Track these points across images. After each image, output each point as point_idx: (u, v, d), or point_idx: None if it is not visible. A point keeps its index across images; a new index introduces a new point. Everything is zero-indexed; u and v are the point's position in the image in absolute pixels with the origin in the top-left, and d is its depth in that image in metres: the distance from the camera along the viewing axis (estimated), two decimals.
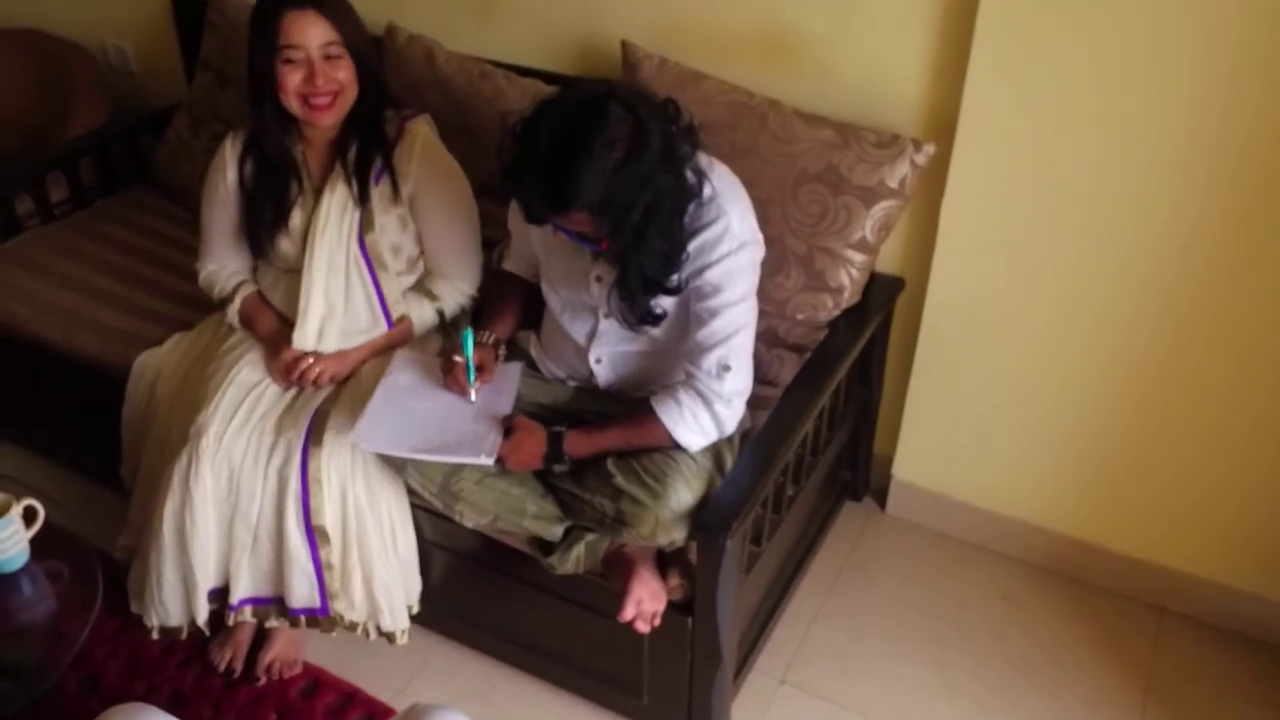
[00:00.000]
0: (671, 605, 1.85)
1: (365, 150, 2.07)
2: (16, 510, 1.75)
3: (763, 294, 2.11)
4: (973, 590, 2.36)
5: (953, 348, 2.29)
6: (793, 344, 2.17)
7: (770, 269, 2.12)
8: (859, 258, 2.12)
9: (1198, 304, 2.02)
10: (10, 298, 2.45)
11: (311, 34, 1.93)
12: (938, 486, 2.46)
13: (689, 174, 1.71)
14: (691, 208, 1.75)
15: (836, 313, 2.16)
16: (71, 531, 1.89)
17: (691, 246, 1.75)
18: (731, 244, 1.75)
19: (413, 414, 1.92)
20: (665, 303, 1.81)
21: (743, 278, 1.78)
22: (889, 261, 2.30)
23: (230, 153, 2.12)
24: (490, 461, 1.83)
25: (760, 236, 1.84)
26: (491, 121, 2.38)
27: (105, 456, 2.34)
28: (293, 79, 1.95)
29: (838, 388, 2.17)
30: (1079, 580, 2.37)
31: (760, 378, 2.15)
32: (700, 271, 1.76)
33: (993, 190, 2.09)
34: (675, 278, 1.76)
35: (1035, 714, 2.10)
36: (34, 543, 1.81)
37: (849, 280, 2.13)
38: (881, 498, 2.56)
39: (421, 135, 2.09)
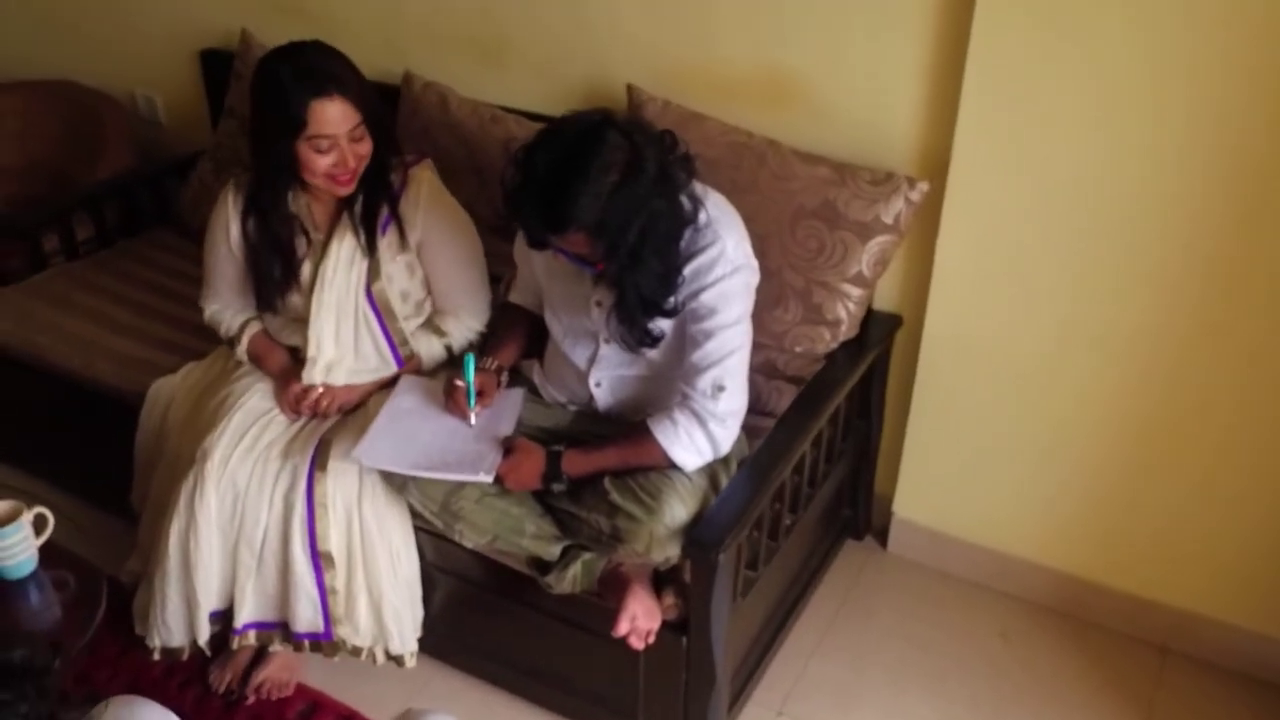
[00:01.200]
0: (666, 625, 1.87)
1: (371, 201, 2.08)
2: (27, 517, 1.79)
3: (761, 327, 2.17)
4: (973, 627, 2.36)
5: (950, 384, 2.32)
6: (791, 376, 2.20)
7: (769, 302, 2.18)
8: (856, 292, 2.17)
9: (1193, 340, 2.04)
10: (32, 328, 2.53)
11: (340, 122, 1.93)
12: (938, 524, 2.47)
13: (684, 200, 1.77)
14: (688, 233, 1.80)
15: (834, 345, 2.20)
16: (76, 553, 1.93)
17: (687, 270, 1.81)
18: (726, 268, 1.81)
19: (415, 434, 1.97)
20: (663, 325, 1.86)
21: (737, 301, 1.83)
22: (886, 299, 2.35)
23: (233, 206, 2.12)
24: (489, 479, 1.86)
25: (755, 263, 1.89)
26: (501, 163, 2.45)
27: (117, 485, 2.38)
28: (322, 163, 1.95)
29: (836, 419, 2.21)
30: (1080, 619, 2.37)
31: (759, 409, 2.19)
32: (696, 294, 1.81)
33: (986, 226, 2.14)
34: (672, 300, 1.81)
35: None
36: (42, 558, 1.85)
37: (846, 314, 2.18)
38: (883, 537, 2.57)
39: (426, 181, 2.13)
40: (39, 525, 1.83)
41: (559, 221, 1.65)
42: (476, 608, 2.14)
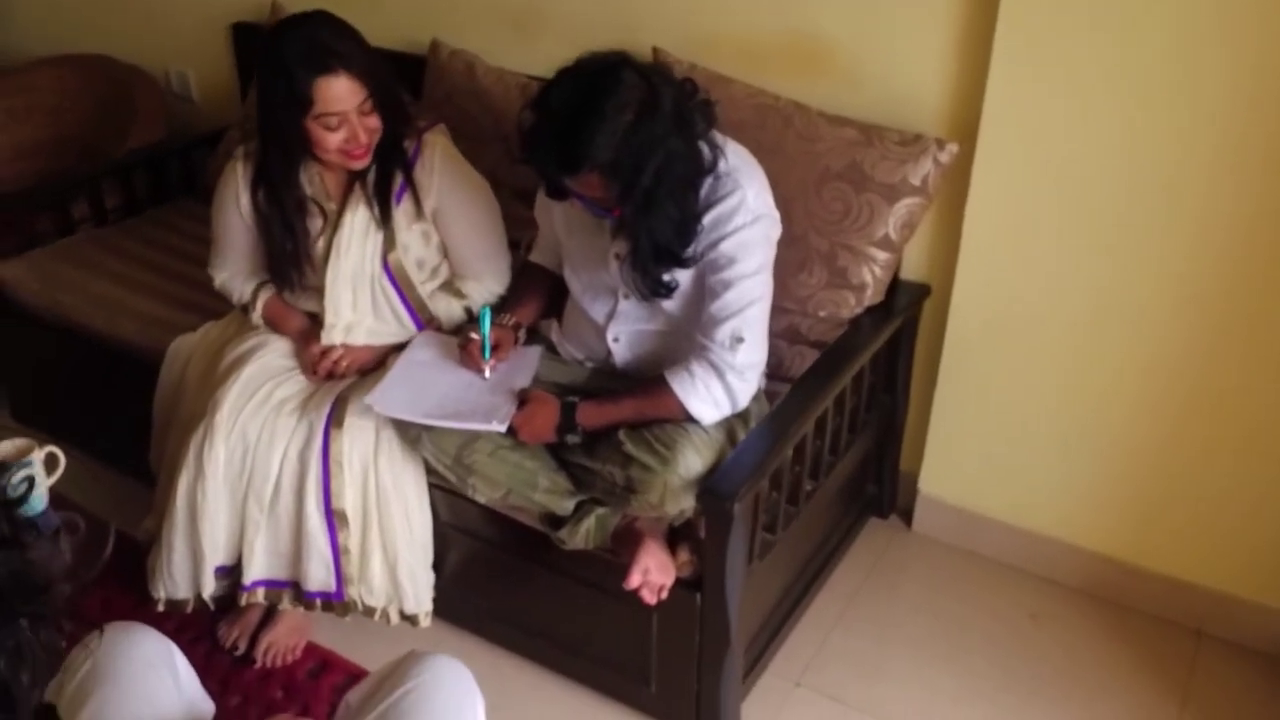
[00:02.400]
0: (680, 583, 1.83)
1: (385, 171, 2.05)
2: (38, 455, 1.78)
3: (785, 291, 2.13)
4: (1002, 607, 2.29)
5: (979, 357, 2.27)
6: (814, 341, 2.16)
7: (792, 267, 2.14)
8: (882, 255, 2.12)
9: (1233, 314, 1.98)
10: (58, 288, 2.54)
11: (348, 98, 1.90)
12: (965, 502, 2.41)
13: (703, 147, 1.74)
14: (707, 182, 1.78)
15: (859, 310, 2.15)
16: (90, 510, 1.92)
17: (706, 219, 1.78)
18: (746, 216, 1.77)
19: (430, 384, 1.95)
20: (680, 276, 1.82)
21: (757, 250, 1.79)
22: (914, 269, 2.30)
23: (242, 177, 2.09)
24: (502, 429, 1.84)
25: (776, 214, 1.86)
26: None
27: (138, 448, 2.38)
28: (333, 140, 1.93)
29: (860, 386, 2.16)
30: (1113, 601, 2.29)
31: (780, 374, 2.15)
32: (715, 244, 1.78)
33: (1017, 191, 2.09)
34: (690, 250, 1.78)
35: None
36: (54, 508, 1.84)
37: (871, 278, 2.13)
38: (908, 516, 2.51)
39: (440, 146, 2.10)
40: (50, 465, 1.82)
41: (573, 161, 1.62)
42: (489, 567, 2.11)
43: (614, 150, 1.60)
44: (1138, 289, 2.05)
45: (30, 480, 1.72)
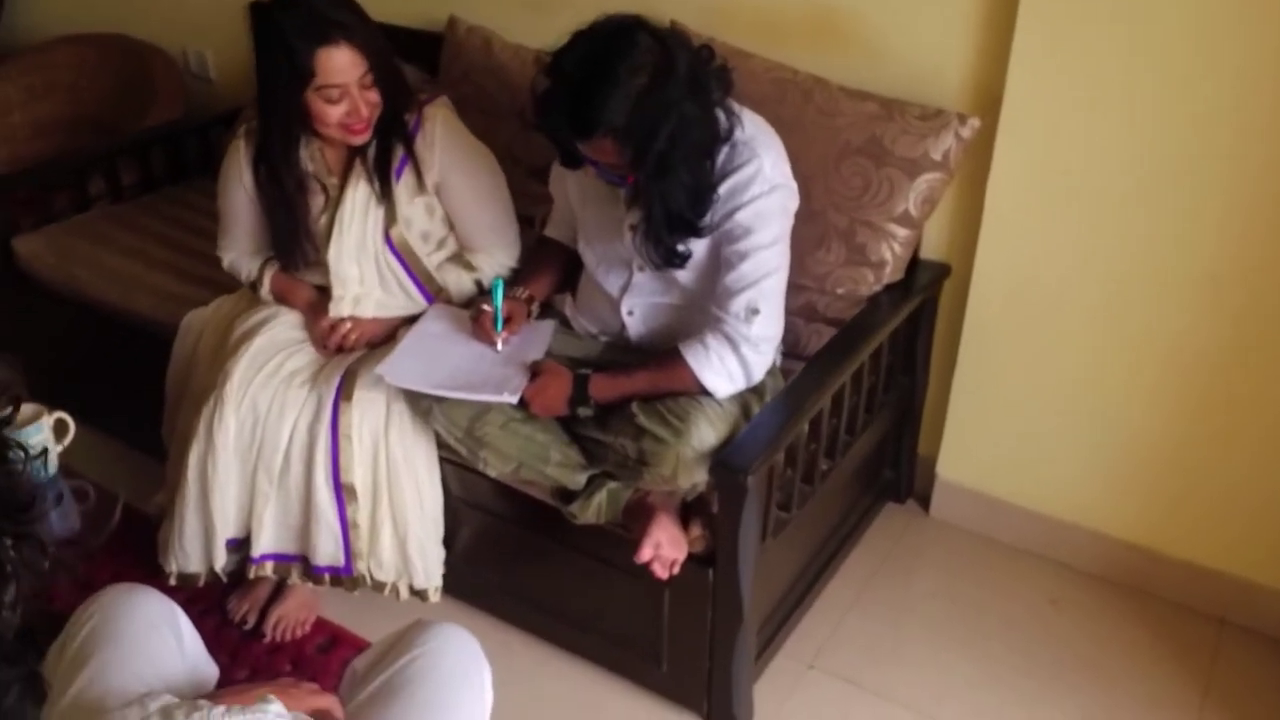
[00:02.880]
0: (693, 558, 1.80)
1: (385, 146, 2.02)
2: (47, 420, 1.77)
3: (802, 268, 2.10)
4: (1021, 592, 2.25)
5: (999, 337, 2.23)
6: (831, 318, 2.13)
7: (810, 244, 2.11)
8: (902, 232, 2.09)
9: (1257, 296, 1.94)
10: (74, 262, 2.54)
11: (349, 70, 1.87)
12: (984, 487, 2.37)
13: (719, 114, 1.72)
14: (723, 151, 1.75)
15: (878, 288, 2.12)
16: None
17: (722, 189, 1.75)
18: (763, 186, 1.75)
19: (441, 356, 1.93)
20: (695, 247, 1.80)
21: (774, 221, 1.77)
22: (935, 248, 2.26)
23: (244, 156, 2.07)
24: (514, 400, 1.81)
25: (794, 185, 1.83)
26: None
27: (151, 424, 2.37)
28: (334, 113, 1.90)
29: (878, 365, 2.13)
30: (1134, 588, 2.25)
31: (797, 352, 2.12)
32: (731, 213, 1.75)
33: (1039, 168, 2.05)
34: (706, 219, 1.75)
35: (1084, 710, 1.98)
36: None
37: (891, 255, 2.10)
38: (926, 502, 2.47)
39: (440, 119, 2.06)
40: (60, 431, 1.81)
41: (586, 125, 1.60)
42: (500, 543, 2.09)
43: (627, 114, 1.58)
44: (1160, 270, 2.01)
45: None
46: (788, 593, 2.10)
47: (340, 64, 1.87)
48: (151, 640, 1.33)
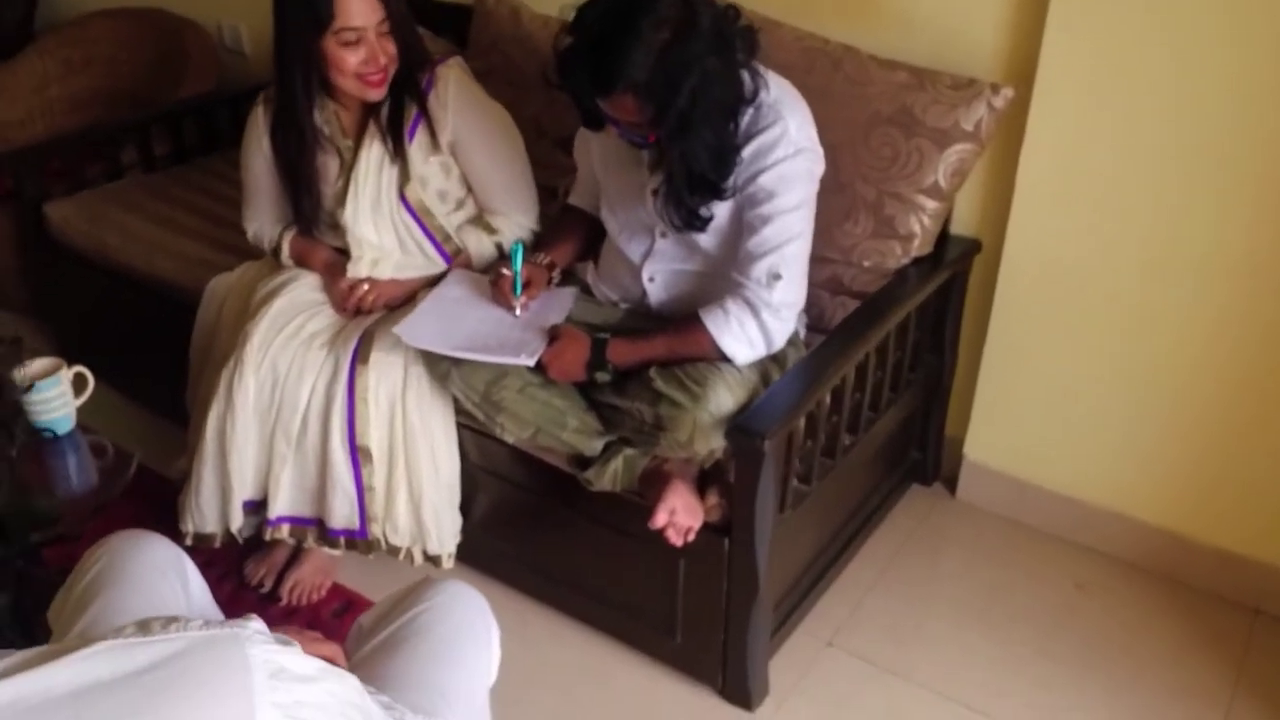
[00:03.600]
0: (709, 527, 1.77)
1: (398, 104, 2.02)
2: (66, 374, 1.78)
3: (829, 241, 2.07)
4: (1048, 575, 2.20)
5: (1030, 316, 2.18)
6: (857, 292, 2.09)
7: (838, 216, 2.08)
8: (931, 204, 2.05)
9: None
10: (104, 229, 2.56)
11: (368, 14, 1.88)
12: (1012, 469, 2.32)
13: (744, 75, 1.69)
14: (748, 113, 1.72)
15: (905, 261, 2.08)
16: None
17: (746, 151, 1.72)
18: (788, 149, 1.72)
19: (459, 319, 1.92)
20: (717, 211, 1.77)
21: (798, 185, 1.73)
22: (966, 223, 2.22)
23: (263, 123, 2.10)
24: (530, 362, 1.80)
25: (820, 150, 1.80)
26: None
27: (177, 393, 2.37)
28: (351, 60, 1.91)
29: (904, 340, 2.09)
30: (1165, 575, 2.19)
31: (822, 326, 2.09)
32: (754, 177, 1.73)
33: (1074, 140, 2.00)
34: (729, 182, 1.72)
35: (1107, 695, 1.93)
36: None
37: (919, 228, 2.06)
38: (952, 485, 2.43)
39: (454, 78, 2.05)
40: (79, 385, 1.82)
41: (607, 80, 1.58)
42: (517, 512, 2.07)
43: (649, 69, 1.55)
44: (1198, 250, 1.95)
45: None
46: (807, 569, 2.07)
47: (359, 7, 1.88)
48: (157, 584, 1.32)
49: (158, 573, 1.33)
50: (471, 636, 1.39)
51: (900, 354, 2.11)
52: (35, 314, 2.94)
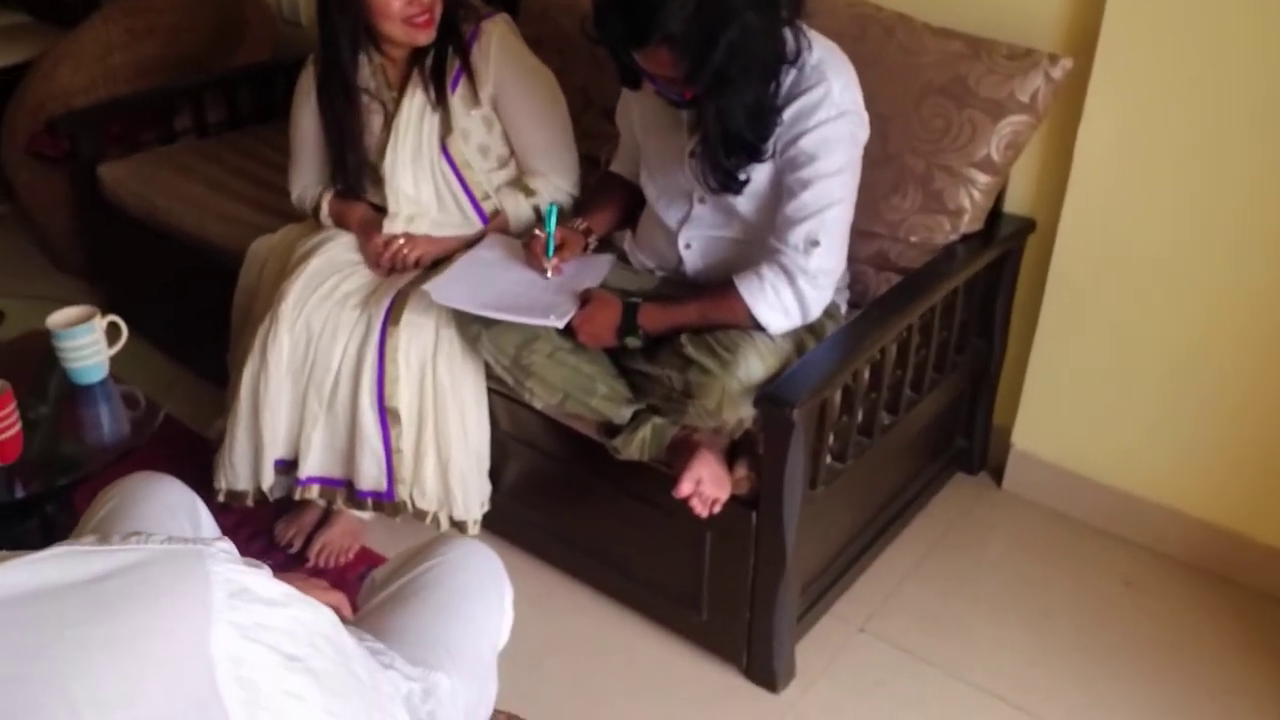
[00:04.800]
0: (737, 500, 1.72)
1: (441, 54, 2.03)
2: (99, 322, 1.79)
3: (876, 215, 2.01)
4: (1093, 570, 2.12)
5: (1084, 299, 2.10)
6: (903, 268, 2.02)
7: (885, 189, 2.02)
8: (982, 178, 1.98)
9: None
10: (154, 190, 2.58)
11: None
12: (1062, 460, 2.23)
13: (787, 34, 1.64)
14: (790, 74, 1.67)
15: (954, 237, 2.01)
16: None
17: (787, 113, 1.67)
18: (830, 111, 1.66)
19: (492, 280, 1.89)
20: (756, 175, 1.72)
21: (840, 149, 1.68)
22: (1020, 202, 2.14)
23: (312, 80, 2.12)
24: (560, 324, 1.77)
25: (865, 114, 1.74)
26: None
27: (220, 354, 2.39)
28: (395, 3, 1.91)
29: (950, 318, 2.03)
30: (1216, 574, 2.09)
31: (865, 302, 2.02)
32: (795, 139, 1.67)
33: (1135, 115, 1.92)
34: (767, 144, 1.67)
35: (1149, 695, 1.85)
36: None
37: (970, 203, 1.99)
38: (999, 476, 2.34)
39: (497, 34, 2.04)
40: (112, 335, 1.83)
41: (643, 30, 1.53)
42: (545, 481, 2.04)
43: (685, 21, 1.51)
44: (1266, 231, 1.85)
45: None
46: (840, 552, 2.01)
47: None
48: (167, 524, 1.31)
49: (168, 512, 1.32)
50: (482, 595, 1.37)
51: (946, 333, 2.05)
52: (90, 276, 2.99)
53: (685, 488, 1.66)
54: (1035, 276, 2.16)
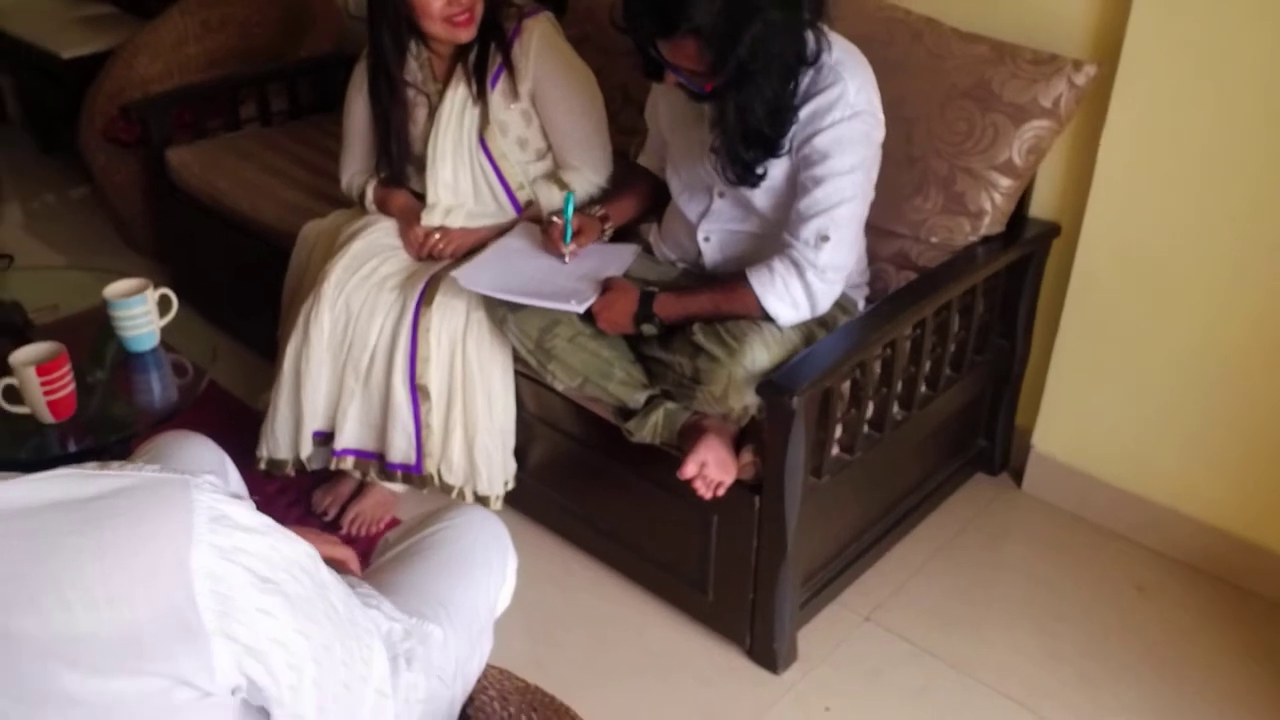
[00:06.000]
0: (742, 485, 1.78)
1: (484, 50, 2.12)
2: (151, 294, 1.91)
3: (898, 215, 2.06)
4: (1107, 576, 2.13)
5: (1106, 303, 2.11)
6: (923, 267, 2.06)
7: (908, 191, 2.06)
8: (1004, 181, 2.01)
9: None
10: (217, 174, 2.73)
11: None
12: (1079, 463, 2.25)
13: (808, 35, 1.69)
14: (809, 74, 1.73)
15: (974, 239, 2.04)
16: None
17: (803, 111, 1.73)
18: (844, 111, 1.71)
19: (518, 267, 1.98)
20: (773, 170, 1.78)
21: (852, 148, 1.73)
22: (1045, 207, 2.17)
23: (362, 74, 2.22)
24: (580, 310, 1.84)
25: (880, 115, 1.78)
26: None
27: (271, 330, 2.51)
28: (436, 4, 2.00)
29: (969, 317, 2.06)
30: (1231, 582, 2.09)
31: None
32: (810, 138, 1.73)
33: (1158, 122, 1.93)
34: (784, 141, 1.73)
35: (1153, 700, 1.87)
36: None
37: (990, 205, 2.02)
38: (1020, 477, 2.36)
39: (539, 31, 2.13)
40: (164, 306, 1.95)
41: (671, 20, 1.60)
42: (567, 462, 2.12)
43: (711, 14, 1.57)
44: None
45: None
46: (850, 543, 2.05)
47: None
48: None
49: (195, 466, 1.42)
50: (484, 559, 1.44)
51: (964, 333, 2.08)
52: (158, 255, 3.15)
53: (689, 469, 1.72)
54: (1060, 281, 2.18)
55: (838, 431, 1.85)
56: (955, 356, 2.08)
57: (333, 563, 1.31)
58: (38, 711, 0.76)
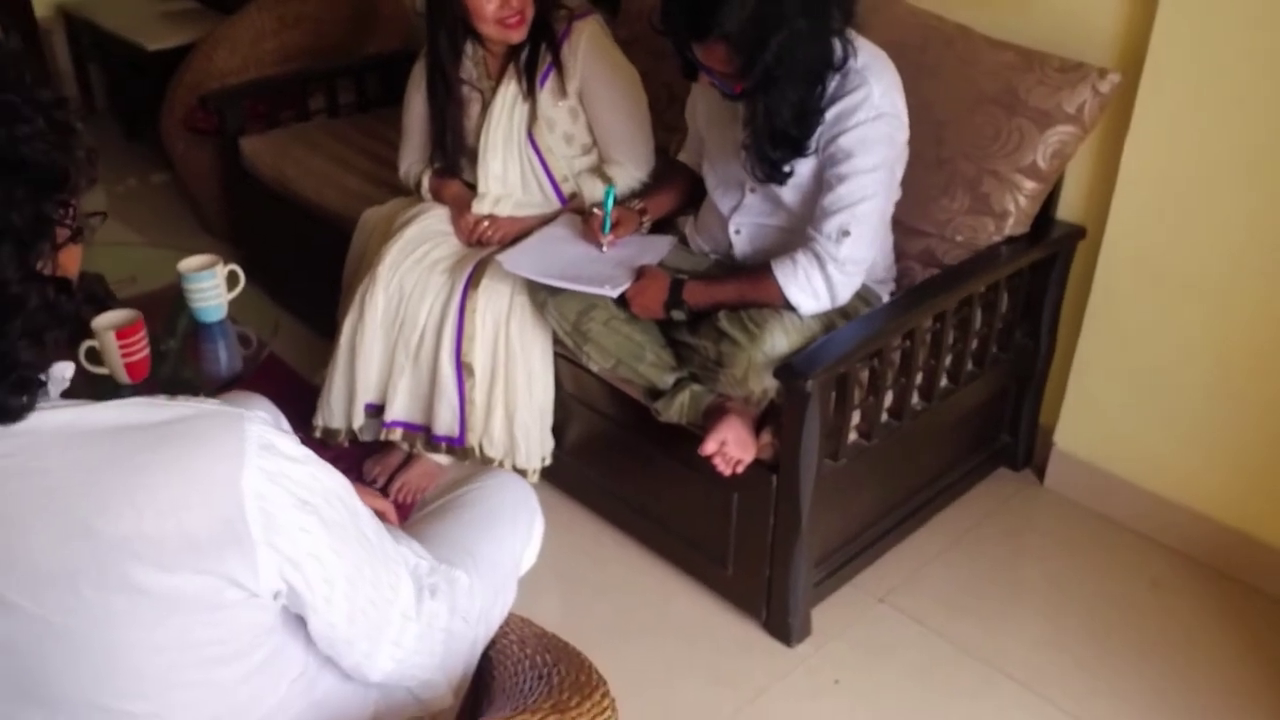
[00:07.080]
0: (761, 464, 1.88)
1: (535, 50, 2.24)
2: (220, 269, 2.06)
3: (924, 214, 2.14)
4: (1121, 571, 2.19)
5: (1128, 304, 2.17)
6: (947, 265, 2.14)
7: (936, 192, 2.14)
8: (1028, 184, 2.08)
9: None
10: (285, 162, 2.89)
11: None
12: (1100, 460, 2.31)
13: (835, 42, 1.79)
14: (835, 79, 1.82)
15: (998, 239, 2.12)
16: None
17: (830, 114, 1.82)
18: (869, 112, 1.80)
19: (558, 254, 2.10)
20: (800, 168, 1.88)
21: (876, 148, 1.82)
22: (1072, 210, 2.23)
23: (421, 71, 2.35)
24: (614, 294, 1.96)
25: (905, 118, 1.87)
26: None
27: (333, 310, 2.65)
28: (489, 6, 2.12)
29: (992, 314, 2.14)
30: (1246, 583, 2.14)
31: None
32: (835, 138, 1.82)
33: (1180, 129, 1.99)
34: (811, 142, 1.83)
35: (1155, 692, 1.92)
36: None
37: (1015, 207, 2.09)
38: (1043, 473, 2.43)
39: (588, 33, 2.25)
40: (231, 281, 2.10)
41: (703, 26, 1.70)
42: (601, 440, 2.24)
43: (740, 22, 1.67)
44: None
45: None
46: (868, 527, 2.14)
47: None
48: None
49: None
50: (511, 518, 1.55)
51: (987, 330, 2.15)
52: (232, 239, 3.33)
53: (710, 446, 1.83)
54: (1085, 283, 2.24)
55: (855, 418, 1.94)
56: (978, 352, 2.16)
57: (372, 511, 1.45)
58: (113, 598, 0.89)
